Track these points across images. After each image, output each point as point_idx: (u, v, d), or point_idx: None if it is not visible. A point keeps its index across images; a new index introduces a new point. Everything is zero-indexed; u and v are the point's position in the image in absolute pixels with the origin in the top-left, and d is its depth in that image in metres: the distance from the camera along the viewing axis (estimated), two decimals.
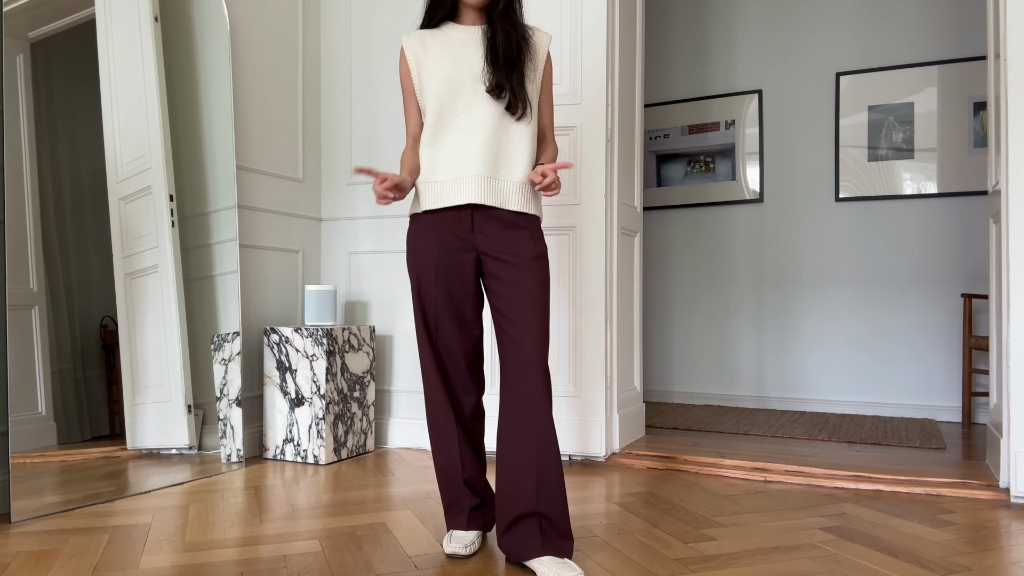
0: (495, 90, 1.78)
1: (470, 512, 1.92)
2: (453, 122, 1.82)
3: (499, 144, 1.82)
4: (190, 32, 2.79)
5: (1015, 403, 2.37)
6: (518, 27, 1.85)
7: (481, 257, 1.83)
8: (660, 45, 4.78)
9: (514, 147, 1.83)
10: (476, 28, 1.87)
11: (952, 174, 4.00)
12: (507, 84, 1.79)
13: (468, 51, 1.83)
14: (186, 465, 2.66)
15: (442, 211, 1.82)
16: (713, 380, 4.57)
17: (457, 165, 1.80)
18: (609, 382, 2.97)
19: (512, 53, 1.81)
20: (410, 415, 3.29)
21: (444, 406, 1.90)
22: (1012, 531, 2.08)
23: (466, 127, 1.81)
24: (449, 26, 1.90)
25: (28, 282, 2.24)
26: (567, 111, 2.94)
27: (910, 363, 4.07)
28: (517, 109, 1.81)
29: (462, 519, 1.92)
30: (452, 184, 1.80)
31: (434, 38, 1.88)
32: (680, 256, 4.69)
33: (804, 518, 2.20)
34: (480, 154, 1.79)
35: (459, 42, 1.85)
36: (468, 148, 1.80)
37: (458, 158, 1.80)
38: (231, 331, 2.87)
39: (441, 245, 1.82)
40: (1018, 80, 2.40)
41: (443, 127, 1.83)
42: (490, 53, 1.81)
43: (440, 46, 1.86)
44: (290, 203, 3.29)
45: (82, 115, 2.40)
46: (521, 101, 1.81)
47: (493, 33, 1.82)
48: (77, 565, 1.77)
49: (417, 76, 1.87)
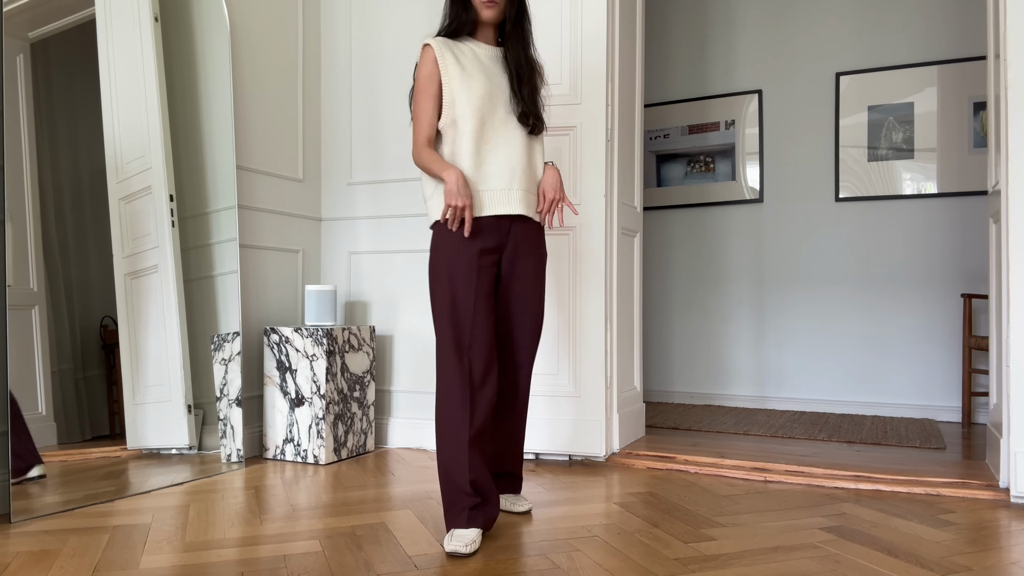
0: (523, 117, 2.00)
1: (470, 511, 1.93)
2: (493, 136, 1.98)
3: (528, 160, 2.02)
4: (190, 32, 2.80)
5: (1015, 403, 2.37)
6: (529, 50, 2.04)
7: (503, 260, 2.02)
8: (660, 45, 4.78)
9: (536, 162, 2.06)
10: (496, 49, 2.06)
11: (952, 174, 4.00)
12: (531, 112, 2.01)
13: (496, 71, 2.02)
14: (186, 465, 2.66)
15: (482, 218, 1.97)
16: (713, 380, 4.57)
17: (505, 177, 1.97)
18: (609, 382, 2.97)
19: (534, 82, 2.04)
20: (410, 415, 3.29)
21: (463, 405, 1.92)
22: (1012, 531, 2.08)
23: (506, 142, 1.99)
24: (472, 41, 2.04)
25: (28, 282, 2.24)
26: (567, 111, 2.94)
27: (910, 363, 4.07)
28: (536, 129, 2.03)
29: (463, 518, 1.92)
30: (502, 195, 1.97)
31: (461, 52, 2.00)
32: (680, 256, 4.69)
33: (804, 518, 2.20)
34: (521, 168, 1.99)
35: (487, 61, 2.02)
36: (511, 163, 1.98)
37: (503, 171, 1.97)
38: (231, 331, 2.87)
39: (477, 249, 1.95)
40: (1018, 80, 2.40)
41: (485, 140, 1.97)
42: (515, 82, 2.01)
43: (470, 61, 1.99)
44: (290, 203, 3.29)
45: (82, 115, 2.40)
46: (541, 123, 2.04)
47: (517, 62, 2.02)
48: (77, 565, 1.77)
49: (448, 84, 1.97)
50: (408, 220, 3.29)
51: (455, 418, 1.93)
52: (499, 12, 2.00)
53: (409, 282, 3.30)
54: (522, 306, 2.07)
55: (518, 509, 2.24)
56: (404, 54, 3.32)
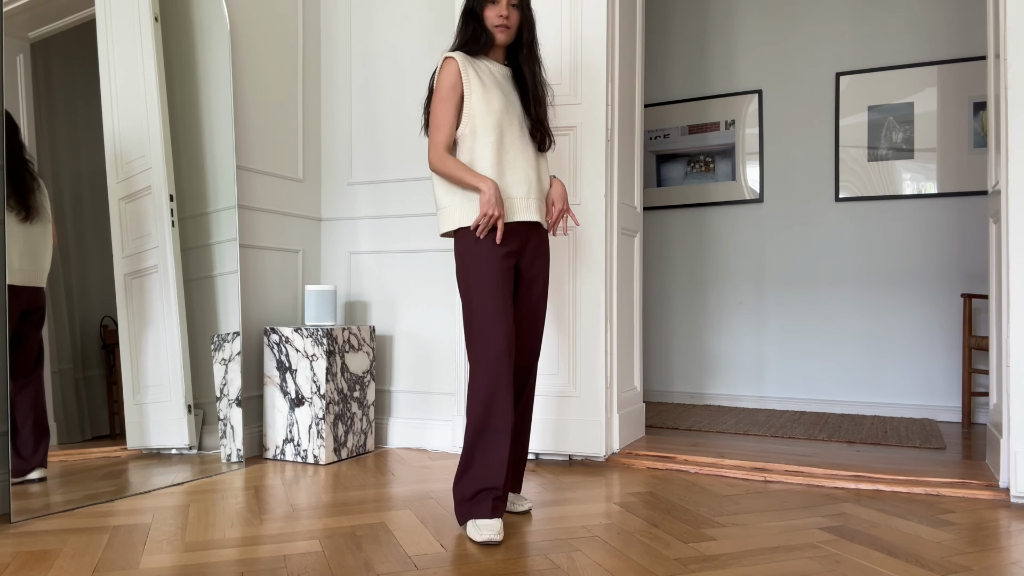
0: (534, 133, 2.15)
1: (495, 501, 2.00)
2: (511, 147, 2.10)
3: (538, 172, 2.16)
4: (190, 32, 2.80)
5: (1015, 403, 2.37)
6: (540, 71, 2.17)
7: (520, 263, 2.14)
8: (660, 45, 4.78)
9: (544, 176, 2.19)
10: (506, 68, 2.19)
11: (952, 174, 4.00)
12: (541, 129, 2.16)
13: (509, 89, 2.15)
14: (186, 465, 2.66)
15: (510, 223, 2.09)
16: (713, 380, 4.57)
17: (523, 186, 2.10)
18: (609, 382, 2.97)
19: (544, 102, 2.18)
20: (410, 415, 3.29)
21: (507, 403, 2.00)
22: (1012, 531, 2.08)
23: (523, 155, 2.12)
24: (486, 60, 2.16)
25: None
26: (567, 111, 2.94)
27: (910, 363, 4.07)
28: (545, 146, 2.19)
29: (487, 507, 1.99)
30: (522, 202, 2.10)
31: (479, 68, 2.12)
32: (680, 256, 4.69)
33: (804, 518, 2.20)
34: (535, 179, 2.13)
35: (502, 79, 2.15)
36: (528, 174, 2.11)
37: (522, 181, 2.10)
38: (231, 331, 2.87)
39: (504, 253, 2.06)
40: (1018, 80, 2.40)
41: (505, 151, 2.09)
42: (527, 100, 2.14)
43: (488, 77, 2.11)
44: (290, 203, 3.29)
45: (82, 115, 2.40)
46: (550, 140, 2.19)
47: (530, 82, 2.15)
48: (77, 565, 1.77)
49: (470, 96, 2.08)
50: (408, 220, 3.29)
51: (498, 415, 2.00)
52: (511, 35, 2.14)
53: (409, 282, 3.30)
54: (535, 307, 2.19)
55: (519, 508, 2.25)
56: (404, 54, 3.32)
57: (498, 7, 2.07)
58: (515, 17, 2.11)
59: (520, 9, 2.12)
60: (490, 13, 2.09)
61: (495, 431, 2.00)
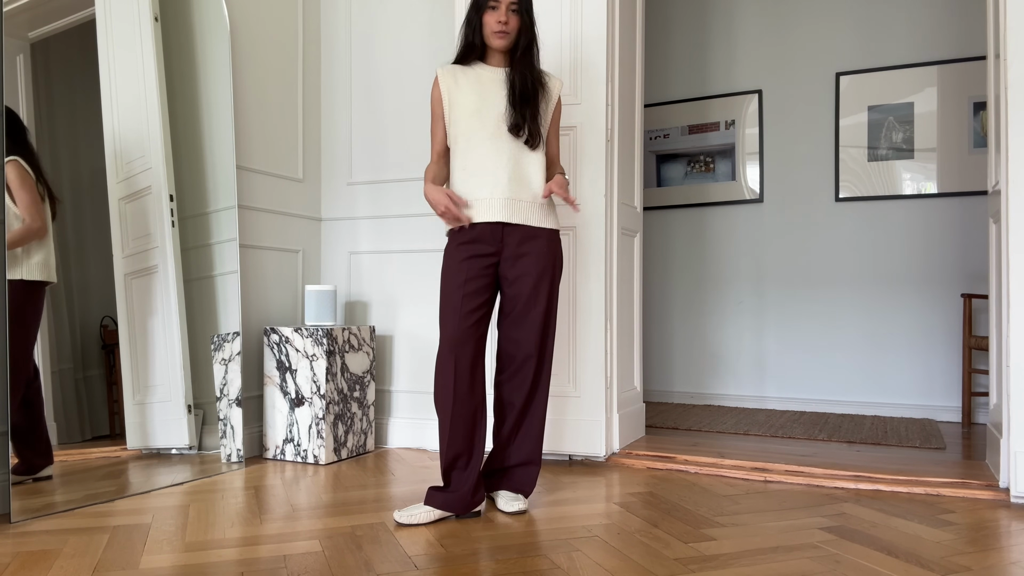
0: (514, 129, 2.14)
1: (430, 489, 2.21)
2: (480, 148, 2.14)
3: (516, 170, 2.15)
4: (190, 32, 2.80)
5: (1015, 403, 2.37)
6: (534, 71, 2.19)
7: (500, 265, 2.17)
8: (660, 45, 4.78)
9: (530, 173, 2.18)
10: (501, 70, 2.21)
11: (952, 174, 4.00)
12: (524, 123, 2.14)
13: (494, 89, 2.17)
14: (186, 465, 2.66)
15: (478, 225, 2.14)
16: (713, 380, 4.57)
17: (487, 188, 2.13)
18: (609, 382, 2.97)
19: (528, 93, 2.16)
20: (410, 415, 3.29)
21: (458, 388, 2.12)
22: (1012, 531, 2.08)
23: (493, 154, 2.13)
24: (479, 65, 2.22)
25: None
26: (567, 111, 2.94)
27: (910, 363, 4.07)
28: (531, 142, 2.17)
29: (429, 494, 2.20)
30: (484, 203, 2.12)
31: (465, 74, 2.20)
32: (680, 256, 4.69)
33: (804, 518, 2.20)
34: (507, 178, 2.13)
35: (487, 81, 2.19)
36: (496, 174, 2.13)
37: (486, 183, 2.13)
38: (231, 331, 2.87)
39: (468, 255, 2.13)
40: (1018, 80, 2.40)
41: (472, 153, 2.15)
42: (511, 95, 2.15)
43: (470, 82, 2.18)
44: (290, 203, 3.29)
45: (82, 115, 2.41)
46: (534, 135, 2.16)
47: (514, 77, 2.16)
48: (77, 565, 1.77)
49: (448, 106, 2.19)
50: (408, 220, 3.29)
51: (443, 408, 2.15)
52: (510, 41, 2.17)
53: (409, 282, 3.30)
54: (525, 308, 2.19)
55: (510, 509, 2.25)
56: (404, 54, 3.32)
57: (497, 13, 2.12)
58: (514, 22, 2.14)
59: (520, 14, 2.15)
60: (489, 19, 2.14)
61: (441, 422, 2.14)
